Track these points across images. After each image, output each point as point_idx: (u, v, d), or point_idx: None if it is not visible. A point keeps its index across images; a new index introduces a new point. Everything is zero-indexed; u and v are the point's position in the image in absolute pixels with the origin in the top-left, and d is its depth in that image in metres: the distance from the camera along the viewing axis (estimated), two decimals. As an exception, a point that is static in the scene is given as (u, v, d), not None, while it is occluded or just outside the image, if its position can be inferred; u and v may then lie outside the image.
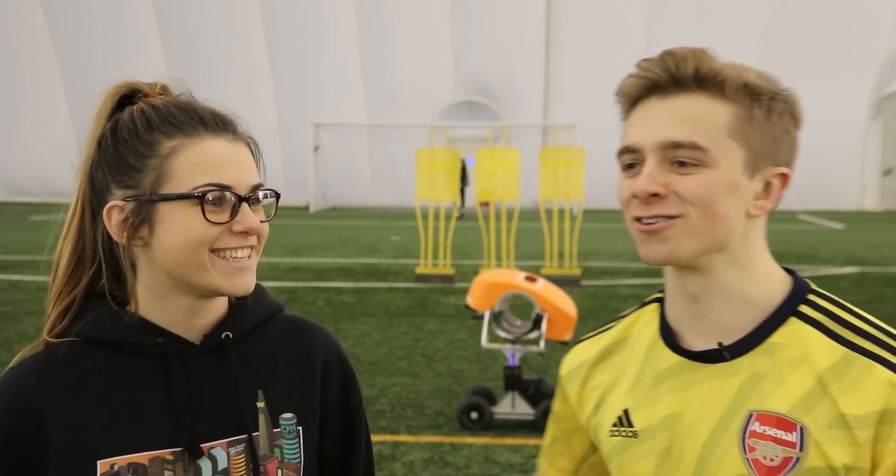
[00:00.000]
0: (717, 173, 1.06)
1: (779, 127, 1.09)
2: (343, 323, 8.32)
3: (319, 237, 16.50)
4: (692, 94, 1.07)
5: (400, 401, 5.76)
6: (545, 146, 15.73)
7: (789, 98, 1.10)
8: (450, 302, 9.52)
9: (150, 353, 1.15)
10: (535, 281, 5.30)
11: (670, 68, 1.07)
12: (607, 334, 1.29)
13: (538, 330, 5.17)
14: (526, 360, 5.64)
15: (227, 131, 1.15)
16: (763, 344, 1.09)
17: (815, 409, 1.04)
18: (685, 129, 1.06)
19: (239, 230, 1.12)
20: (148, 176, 1.11)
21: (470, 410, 5.17)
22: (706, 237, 1.07)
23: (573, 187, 10.59)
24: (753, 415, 1.07)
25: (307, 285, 10.54)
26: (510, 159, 10.63)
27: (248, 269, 1.14)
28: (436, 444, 4.95)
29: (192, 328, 1.17)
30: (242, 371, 1.18)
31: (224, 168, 1.11)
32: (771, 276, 1.13)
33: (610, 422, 1.21)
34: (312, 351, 1.27)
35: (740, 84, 1.06)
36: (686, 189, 1.06)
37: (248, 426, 1.16)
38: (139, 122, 1.13)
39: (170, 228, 1.11)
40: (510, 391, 5.22)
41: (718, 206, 1.06)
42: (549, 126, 23.44)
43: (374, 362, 6.80)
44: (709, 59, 1.07)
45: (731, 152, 1.06)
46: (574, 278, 10.63)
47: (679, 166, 1.06)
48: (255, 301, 1.23)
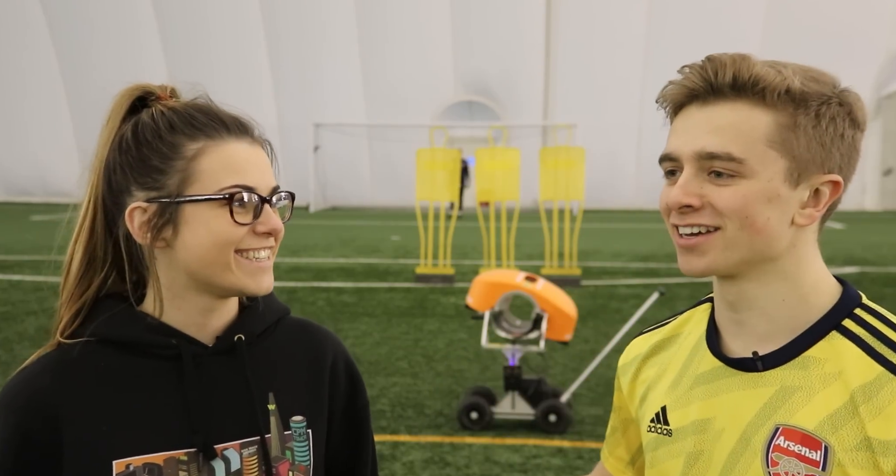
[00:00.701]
0: (754, 184, 1.03)
1: (829, 132, 1.04)
2: (343, 323, 8.32)
3: (319, 237, 16.49)
4: (731, 102, 1.04)
5: (400, 401, 5.75)
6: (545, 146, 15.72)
7: (846, 100, 1.05)
8: (450, 302, 9.52)
9: (164, 354, 1.15)
10: (535, 281, 5.30)
11: (708, 76, 1.05)
12: (662, 329, 1.29)
13: (538, 330, 5.17)
14: (526, 360, 5.64)
15: (247, 134, 1.16)
16: (799, 357, 1.07)
17: (843, 429, 1.02)
18: (721, 139, 1.03)
19: (263, 231, 1.13)
20: (173, 178, 1.12)
21: (470, 410, 5.17)
22: (746, 249, 1.05)
23: (573, 187, 10.59)
24: (779, 429, 1.05)
25: (307, 285, 10.54)
26: (510, 159, 10.63)
27: (269, 268, 1.16)
28: (436, 444, 4.95)
29: (205, 330, 1.18)
30: (254, 373, 1.19)
31: (248, 170, 1.13)
32: (819, 288, 1.09)
33: (649, 417, 1.22)
34: (321, 354, 1.28)
35: (782, 90, 1.02)
36: (721, 201, 1.03)
37: (260, 428, 1.17)
38: (161, 124, 1.13)
39: (196, 229, 1.11)
40: (510, 391, 5.22)
41: (757, 218, 1.03)
42: (549, 126, 23.43)
43: (374, 362, 6.80)
44: (749, 64, 1.04)
45: (771, 162, 1.03)
46: (574, 278, 10.62)
47: (716, 177, 1.04)
48: (265, 303, 1.25)
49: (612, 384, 6.02)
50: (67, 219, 1.21)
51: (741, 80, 1.03)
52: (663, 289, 5.39)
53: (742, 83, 1.03)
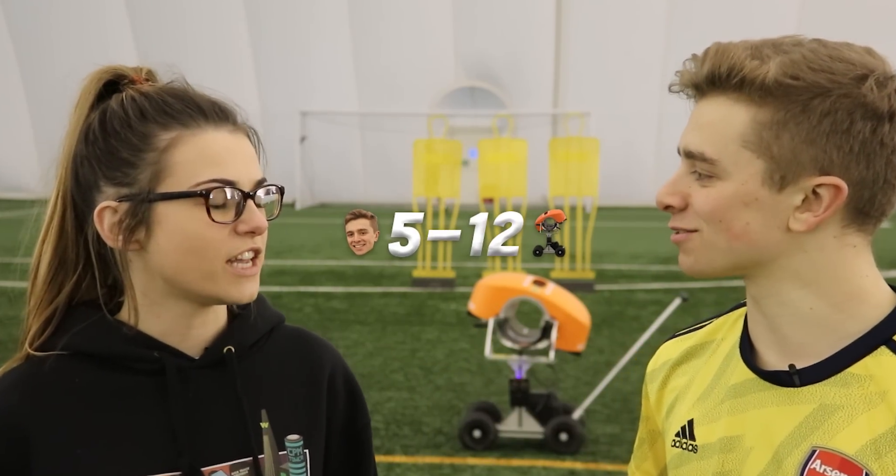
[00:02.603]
0: (728, 187, 1.06)
1: (824, 128, 1.01)
2: (333, 331, 8.33)
3: (306, 237, 16.51)
4: (716, 97, 1.07)
5: (395, 418, 5.76)
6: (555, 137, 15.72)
7: (857, 91, 1.01)
8: (450, 308, 9.53)
9: (146, 368, 1.14)
10: (544, 285, 5.30)
11: (695, 69, 1.08)
12: (696, 334, 1.29)
13: (547, 339, 5.17)
14: (534, 373, 5.65)
15: (228, 121, 1.15)
16: (841, 373, 1.06)
17: (887, 456, 1.01)
18: (699, 137, 1.07)
19: (245, 230, 1.11)
20: (144, 172, 1.10)
21: (472, 428, 5.17)
22: (729, 254, 1.08)
23: (586, 182, 10.59)
24: (816, 451, 1.05)
25: (293, 290, 10.55)
26: (516, 151, 10.63)
27: (254, 275, 1.14)
28: (434, 465, 4.95)
29: (189, 340, 1.17)
30: (245, 388, 1.18)
31: (228, 162, 1.11)
32: (862, 298, 1.07)
33: (674, 430, 1.22)
34: (318, 367, 1.28)
35: (758, 84, 1.02)
36: (698, 204, 1.08)
37: (253, 448, 1.16)
38: (131, 112, 1.12)
39: (170, 231, 1.10)
40: (517, 407, 5.23)
41: (734, 222, 1.06)
42: (559, 115, 23.44)
43: (367, 375, 6.81)
44: (729, 55, 1.04)
45: (745, 164, 1.04)
46: (587, 282, 10.64)
47: (699, 176, 1.08)
48: (257, 311, 1.24)
49: (629, 399, 6.04)
50: (35, 216, 1.19)
51: (717, 72, 1.05)
52: (686, 294, 5.40)
53: (718, 76, 1.05)
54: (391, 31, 24.00)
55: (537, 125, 23.44)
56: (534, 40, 24.37)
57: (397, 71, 24.19)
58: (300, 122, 24.46)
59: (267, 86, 24.52)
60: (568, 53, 24.49)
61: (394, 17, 23.91)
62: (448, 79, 24.94)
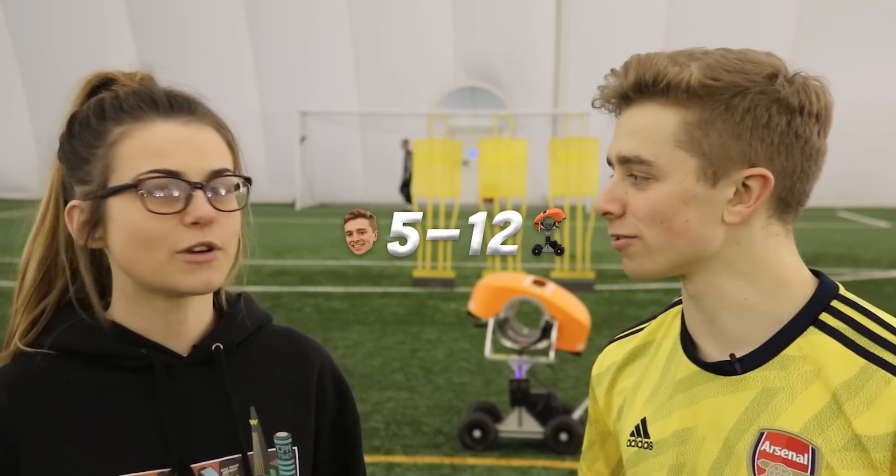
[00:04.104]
0: (666, 187, 1.10)
1: (747, 123, 1.08)
2: (333, 331, 8.33)
3: (306, 237, 16.51)
4: (643, 104, 1.12)
5: (395, 417, 5.76)
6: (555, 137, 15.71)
7: (771, 88, 1.08)
8: (450, 308, 9.53)
9: (134, 365, 1.15)
10: (544, 285, 5.31)
11: (620, 79, 1.14)
12: (636, 336, 1.33)
13: (547, 339, 5.17)
14: (534, 373, 5.64)
15: (184, 112, 1.13)
16: (777, 357, 1.12)
17: (829, 429, 1.06)
18: (632, 142, 1.12)
19: (189, 221, 1.09)
20: (96, 167, 1.11)
21: (472, 428, 5.18)
22: (671, 253, 1.13)
23: (586, 182, 10.60)
24: (764, 433, 1.10)
25: (293, 290, 10.55)
26: (516, 151, 10.64)
27: (208, 264, 1.11)
28: (434, 465, 4.95)
29: (175, 337, 1.17)
30: (233, 386, 1.19)
31: (173, 152, 1.10)
32: (788, 284, 1.14)
33: (628, 430, 1.26)
34: (306, 365, 1.28)
35: (683, 87, 1.08)
36: (638, 208, 1.12)
37: (242, 445, 1.17)
38: (92, 111, 1.13)
39: (119, 226, 1.10)
40: (517, 407, 5.23)
41: (675, 221, 1.11)
42: (559, 115, 23.44)
43: (367, 375, 6.81)
44: (652, 63, 1.10)
45: (681, 163, 1.10)
46: (587, 282, 10.64)
47: (635, 180, 1.13)
48: (246, 309, 1.24)
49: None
50: (30, 217, 1.20)
51: (643, 81, 1.11)
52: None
53: (645, 84, 1.11)
54: (391, 31, 24.00)
55: (537, 125, 23.44)
56: (534, 40, 24.37)
57: (397, 71, 24.19)
58: (300, 122, 24.46)
59: (267, 86, 24.51)
60: (568, 53, 24.49)
61: (394, 17, 23.91)
62: (448, 79, 24.94)
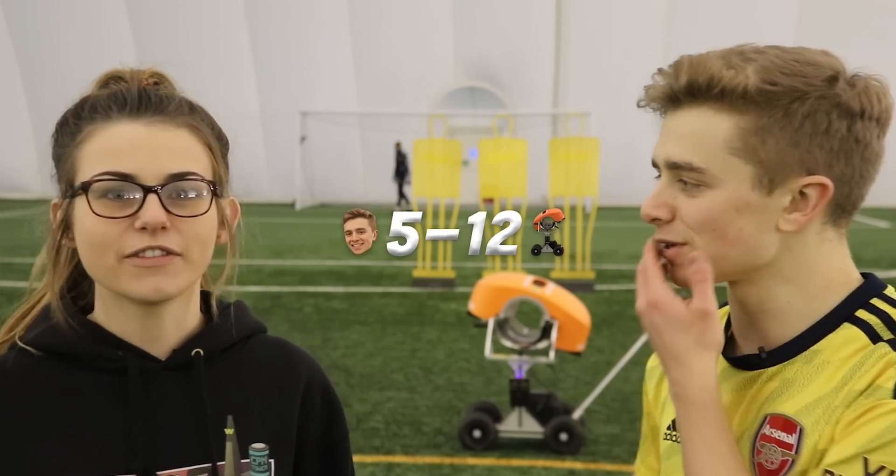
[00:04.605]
0: (719, 194, 1.07)
1: (806, 129, 1.05)
2: (333, 331, 8.33)
3: (306, 237, 16.50)
4: (695, 107, 1.09)
5: (395, 417, 5.76)
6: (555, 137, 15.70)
7: (831, 92, 1.05)
8: (450, 308, 9.53)
9: (110, 367, 1.13)
10: (544, 285, 5.30)
11: (670, 81, 1.10)
12: None
13: (547, 339, 5.17)
14: (534, 373, 5.64)
15: (151, 112, 1.10)
16: (807, 351, 1.11)
17: (818, 409, 1.06)
18: (683, 148, 1.08)
19: (138, 226, 1.06)
20: (65, 167, 1.11)
21: (472, 428, 5.17)
22: (722, 261, 1.10)
23: (586, 182, 10.59)
24: (768, 417, 1.11)
25: (293, 290, 10.55)
26: (516, 151, 10.63)
27: (160, 268, 1.07)
28: (434, 465, 4.95)
29: (152, 341, 1.15)
30: (212, 393, 1.17)
31: (128, 154, 1.07)
32: (834, 287, 1.12)
33: (666, 423, 1.26)
34: (293, 377, 1.25)
35: (740, 92, 1.05)
36: (689, 215, 1.09)
37: (212, 454, 1.14)
38: (72, 111, 1.13)
39: (77, 228, 1.10)
40: (517, 407, 5.22)
41: (728, 229, 1.08)
42: (559, 115, 23.43)
43: (367, 375, 6.81)
44: (707, 65, 1.06)
45: (735, 170, 1.07)
46: (587, 282, 10.63)
47: (685, 186, 1.09)
48: (235, 317, 1.22)
49: (629, 399, 6.04)
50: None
51: (696, 84, 1.08)
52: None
53: (698, 87, 1.08)
54: (391, 31, 23.99)
55: (537, 125, 23.43)
56: (534, 40, 24.37)
57: (397, 71, 24.18)
58: (300, 122, 24.45)
59: (267, 86, 24.51)
60: (568, 53, 24.48)
61: (394, 17, 23.90)
62: (448, 79, 24.94)
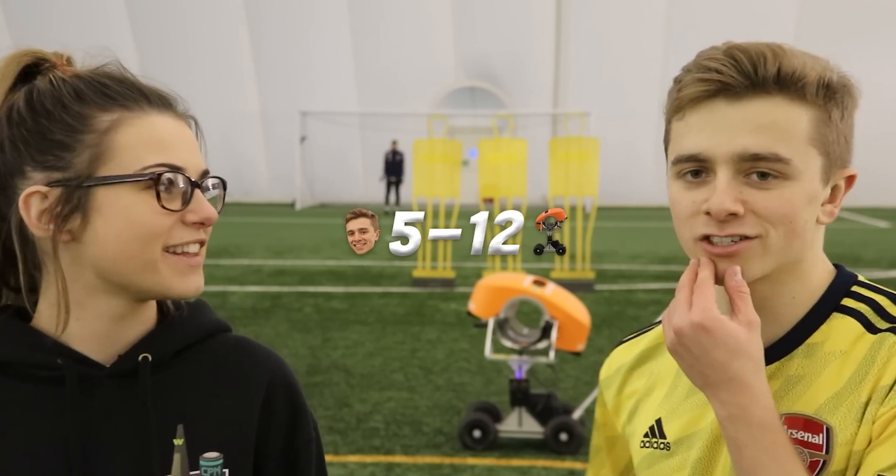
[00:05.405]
0: (798, 185, 1.05)
1: (849, 124, 1.09)
2: (333, 331, 8.33)
3: (306, 237, 16.50)
4: (770, 97, 1.05)
5: (395, 417, 5.76)
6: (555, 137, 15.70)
7: (854, 89, 1.10)
8: (450, 308, 9.53)
9: (48, 375, 1.06)
10: (544, 285, 5.30)
11: (747, 70, 1.05)
12: (646, 337, 1.31)
13: (547, 339, 5.17)
14: (534, 373, 5.65)
15: (170, 106, 1.09)
16: (803, 345, 1.11)
17: (843, 407, 1.06)
18: (765, 138, 1.04)
19: (193, 220, 1.05)
20: (82, 155, 1.03)
21: (472, 428, 5.18)
22: (783, 255, 1.07)
23: (586, 182, 10.59)
24: (783, 418, 1.08)
25: (293, 290, 10.54)
26: (516, 151, 10.63)
27: (199, 266, 1.08)
28: (434, 465, 4.95)
29: (111, 345, 1.09)
30: (162, 401, 1.10)
31: (176, 147, 1.06)
32: (821, 279, 1.14)
33: (642, 432, 1.24)
34: (253, 378, 1.17)
35: (822, 84, 1.06)
36: (769, 208, 1.04)
37: (154, 468, 1.07)
38: (65, 91, 1.05)
39: (111, 218, 1.03)
40: (517, 407, 5.22)
41: (798, 222, 1.06)
42: (559, 115, 23.44)
43: (367, 375, 6.81)
44: (789, 57, 1.05)
45: (812, 161, 1.06)
46: (587, 282, 10.63)
47: (758, 179, 1.05)
48: (191, 317, 1.17)
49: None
50: None
51: (784, 73, 1.04)
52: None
53: (784, 77, 1.05)
54: (391, 31, 24.00)
55: (537, 125, 23.44)
56: (534, 40, 24.37)
57: (397, 71, 24.18)
58: (300, 122, 24.45)
59: (267, 86, 24.51)
60: (568, 53, 24.48)
61: (394, 17, 23.91)
62: (448, 79, 24.94)
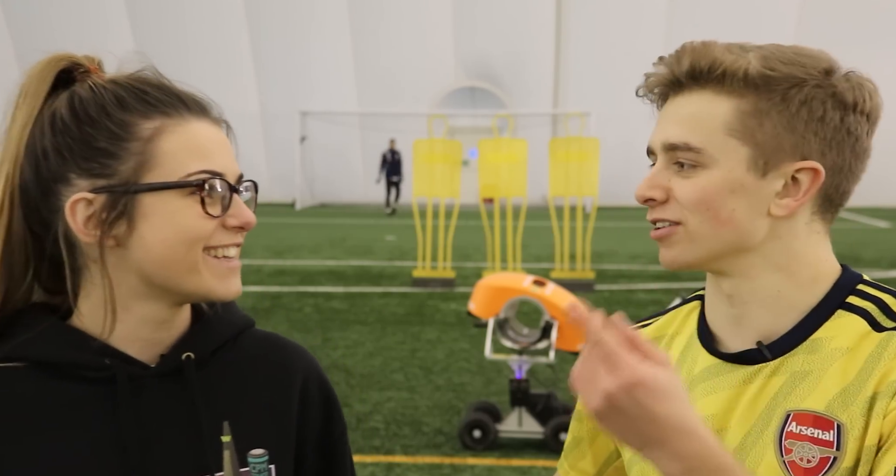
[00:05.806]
0: (714, 174, 1.10)
1: (802, 116, 1.08)
2: (333, 331, 8.33)
3: (306, 237, 16.51)
4: (695, 91, 1.12)
5: (395, 417, 5.76)
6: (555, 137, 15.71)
7: (827, 82, 1.09)
8: (450, 308, 9.53)
9: (97, 376, 1.07)
10: (544, 285, 5.31)
11: (672, 66, 1.13)
12: (644, 331, 1.32)
13: (547, 339, 5.18)
14: (534, 373, 5.65)
15: (206, 112, 1.11)
16: (807, 341, 1.12)
17: (853, 404, 1.06)
18: (681, 129, 1.11)
19: (235, 224, 1.08)
20: (127, 162, 1.04)
21: (472, 428, 5.18)
22: (713, 241, 1.12)
23: (586, 182, 10.59)
24: (791, 415, 1.10)
25: (293, 290, 10.55)
26: (517, 151, 10.63)
27: (238, 269, 1.11)
28: (435, 465, 4.95)
29: (152, 346, 1.11)
30: (206, 398, 1.12)
31: (215, 153, 1.08)
32: (820, 277, 1.14)
33: None
34: (289, 374, 1.21)
35: (739, 75, 1.09)
36: (683, 195, 1.11)
37: (209, 465, 1.09)
38: (108, 99, 1.06)
39: (157, 223, 1.05)
40: (517, 407, 5.23)
41: (721, 210, 1.10)
42: (559, 115, 23.44)
43: (367, 375, 6.81)
44: (709, 51, 1.10)
45: (731, 151, 1.09)
46: (587, 282, 10.64)
47: (680, 168, 1.12)
48: (223, 314, 1.18)
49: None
50: None
51: (699, 68, 1.11)
52: (686, 294, 5.40)
53: (700, 71, 1.11)
54: (391, 31, 23.99)
55: (537, 125, 23.44)
56: (534, 40, 24.37)
57: (397, 71, 24.19)
58: (300, 122, 24.45)
59: (267, 86, 24.51)
60: (568, 53, 24.48)
61: (394, 17, 23.91)
62: (448, 79, 24.94)
